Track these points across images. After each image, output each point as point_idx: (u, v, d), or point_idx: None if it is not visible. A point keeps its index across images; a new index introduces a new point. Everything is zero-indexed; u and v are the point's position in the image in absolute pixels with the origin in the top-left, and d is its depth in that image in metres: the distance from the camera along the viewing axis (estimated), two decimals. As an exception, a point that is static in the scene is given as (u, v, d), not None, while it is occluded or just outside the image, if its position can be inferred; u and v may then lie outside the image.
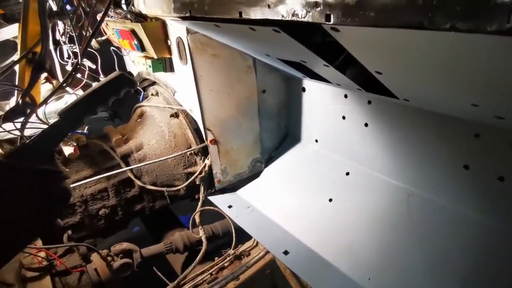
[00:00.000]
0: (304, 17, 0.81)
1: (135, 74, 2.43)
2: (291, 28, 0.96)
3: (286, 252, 1.52)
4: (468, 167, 1.22)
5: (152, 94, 2.28)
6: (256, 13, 0.94)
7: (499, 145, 1.11)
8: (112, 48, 2.18)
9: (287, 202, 1.80)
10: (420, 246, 1.32)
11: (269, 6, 0.89)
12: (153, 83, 2.34)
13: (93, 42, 2.05)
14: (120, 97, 1.19)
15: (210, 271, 1.72)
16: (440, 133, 1.26)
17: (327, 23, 0.76)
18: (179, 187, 1.95)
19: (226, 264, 1.77)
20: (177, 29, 1.61)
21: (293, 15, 0.84)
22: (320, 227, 1.60)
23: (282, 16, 0.86)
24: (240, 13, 1.00)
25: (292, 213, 1.72)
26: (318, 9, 0.76)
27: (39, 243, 1.52)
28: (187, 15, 1.26)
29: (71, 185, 1.61)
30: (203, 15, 1.18)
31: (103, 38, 2.05)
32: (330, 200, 1.65)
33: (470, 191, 1.24)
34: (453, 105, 1.07)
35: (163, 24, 1.70)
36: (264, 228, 1.70)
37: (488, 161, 1.16)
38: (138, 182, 1.89)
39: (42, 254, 1.46)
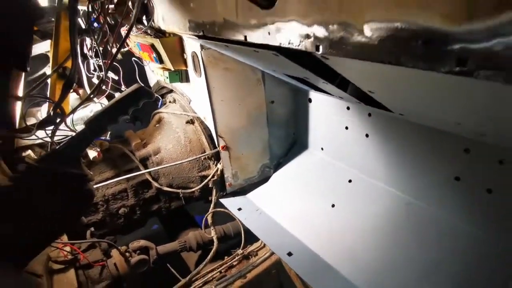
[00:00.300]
0: (298, 46, 0.91)
1: (154, 82, 2.58)
2: (289, 52, 1.06)
3: (290, 254, 1.60)
4: (459, 179, 1.28)
5: (169, 101, 2.41)
6: (258, 38, 1.05)
7: (486, 159, 1.17)
8: (133, 58, 2.33)
9: (293, 206, 1.88)
10: (417, 253, 1.38)
11: (269, 33, 0.99)
12: (171, 90, 2.46)
13: (117, 54, 2.20)
14: (139, 107, 1.31)
15: (220, 269, 1.82)
16: (434, 146, 1.33)
17: (317, 52, 0.86)
18: (193, 189, 2.06)
19: (234, 263, 1.86)
20: (192, 45, 1.73)
21: (289, 43, 0.94)
22: (323, 231, 1.67)
23: (280, 43, 0.97)
24: (245, 37, 1.11)
25: (297, 217, 1.80)
26: (310, 40, 0.86)
27: (64, 238, 1.66)
28: (200, 34, 1.38)
29: (95, 186, 1.75)
30: (214, 36, 1.29)
31: (125, 49, 2.20)
32: (333, 205, 1.73)
33: (461, 201, 1.30)
34: (441, 122, 1.14)
35: (180, 39, 1.82)
36: (270, 230, 1.79)
37: (477, 175, 1.22)
38: (155, 184, 2.02)
39: (68, 248, 1.60)
